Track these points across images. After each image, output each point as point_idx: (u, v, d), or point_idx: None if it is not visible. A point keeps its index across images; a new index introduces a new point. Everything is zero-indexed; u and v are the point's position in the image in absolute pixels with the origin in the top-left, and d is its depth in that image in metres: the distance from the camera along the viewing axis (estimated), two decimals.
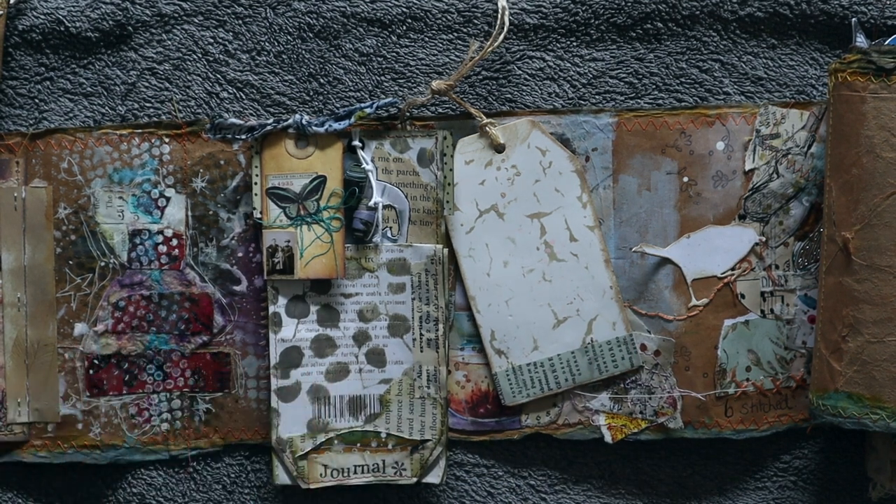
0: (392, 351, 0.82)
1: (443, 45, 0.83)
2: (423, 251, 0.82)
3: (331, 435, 0.82)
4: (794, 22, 0.83)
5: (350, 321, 0.82)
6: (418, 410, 0.82)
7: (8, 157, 0.82)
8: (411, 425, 0.82)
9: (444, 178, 0.81)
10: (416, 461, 0.82)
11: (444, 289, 0.82)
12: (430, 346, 0.82)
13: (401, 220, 0.82)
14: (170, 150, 0.82)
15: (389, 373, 0.82)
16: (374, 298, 0.82)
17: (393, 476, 0.82)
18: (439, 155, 0.81)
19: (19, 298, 0.82)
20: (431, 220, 0.82)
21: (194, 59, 0.83)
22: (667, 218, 0.82)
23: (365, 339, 0.82)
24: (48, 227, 0.82)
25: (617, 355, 0.83)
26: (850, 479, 0.86)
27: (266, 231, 0.81)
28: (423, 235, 0.82)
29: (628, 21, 0.83)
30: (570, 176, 0.82)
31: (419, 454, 0.82)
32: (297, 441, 0.82)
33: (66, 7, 0.82)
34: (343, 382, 0.82)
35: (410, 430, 0.82)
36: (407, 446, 0.82)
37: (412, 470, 0.82)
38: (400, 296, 0.82)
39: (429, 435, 0.82)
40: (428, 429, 0.82)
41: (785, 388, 0.83)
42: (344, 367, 0.82)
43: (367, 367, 0.82)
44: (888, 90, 0.75)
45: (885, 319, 0.75)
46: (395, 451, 0.82)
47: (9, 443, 0.83)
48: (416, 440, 0.82)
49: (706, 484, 0.86)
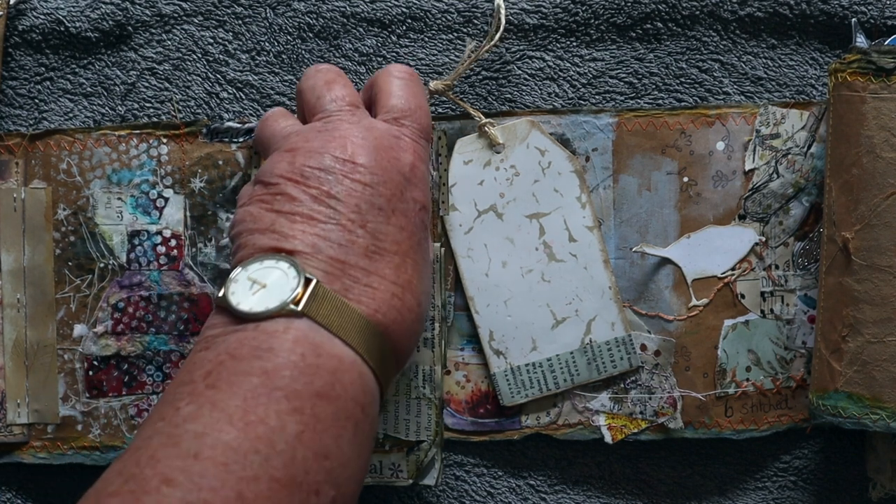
0: None
1: (442, 45, 0.83)
2: None
3: None
4: (794, 22, 0.83)
5: None
6: (414, 411, 0.82)
7: (7, 157, 0.83)
8: (407, 426, 0.82)
9: (440, 178, 0.81)
10: (411, 462, 0.82)
11: (442, 288, 0.82)
12: (426, 346, 0.82)
13: None
14: (168, 150, 0.83)
15: None
16: None
17: (390, 478, 0.82)
18: (434, 155, 0.81)
19: (19, 299, 0.82)
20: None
21: (194, 59, 0.83)
22: (667, 218, 0.82)
23: None
24: (47, 228, 0.82)
25: (616, 356, 0.83)
26: (850, 479, 0.85)
27: None
28: None
29: (628, 21, 0.83)
30: (569, 176, 0.82)
31: (415, 455, 0.82)
32: None
33: (66, 7, 0.82)
34: None
35: (406, 430, 0.82)
36: (403, 447, 0.82)
37: (408, 471, 0.82)
38: None
39: (424, 436, 0.82)
40: (423, 429, 0.82)
41: (785, 388, 0.83)
42: None
43: None
44: (888, 90, 0.75)
45: (886, 319, 0.75)
46: (392, 453, 0.82)
47: (8, 444, 0.83)
48: (412, 441, 0.82)
49: (706, 484, 0.86)
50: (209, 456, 0.60)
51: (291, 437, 0.62)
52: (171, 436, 0.61)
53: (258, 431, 0.61)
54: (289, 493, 0.61)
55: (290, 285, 0.66)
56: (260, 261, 0.68)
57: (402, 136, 0.73)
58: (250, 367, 0.63)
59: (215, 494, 0.58)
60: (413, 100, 0.75)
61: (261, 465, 0.60)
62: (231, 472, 0.59)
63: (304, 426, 0.63)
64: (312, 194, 0.69)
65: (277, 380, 0.63)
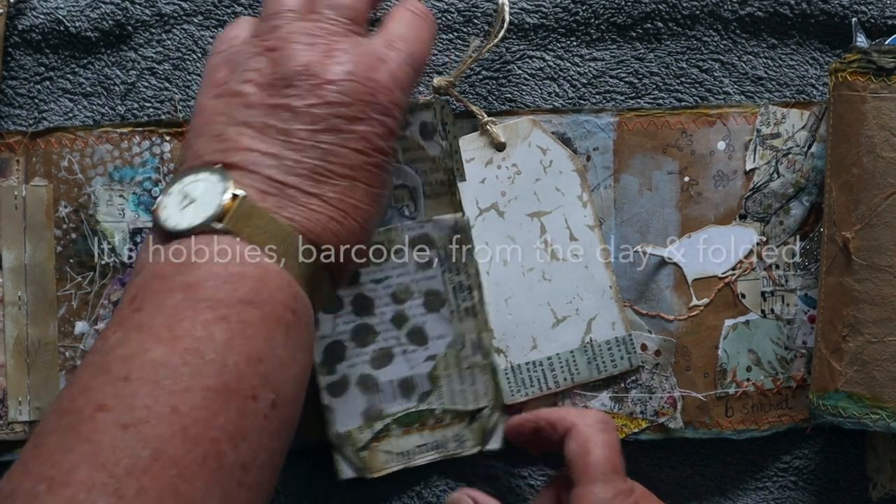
0: (432, 327, 0.82)
1: (443, 45, 0.83)
2: (444, 222, 0.81)
3: (387, 421, 0.82)
4: (794, 22, 0.83)
5: (385, 305, 0.82)
6: (469, 380, 0.82)
7: (8, 155, 0.82)
8: (465, 396, 0.82)
9: (451, 146, 0.81)
10: (475, 430, 0.82)
11: (472, 255, 0.81)
12: (468, 315, 0.82)
13: (415, 197, 0.82)
14: (170, 148, 0.82)
15: (433, 349, 0.82)
16: (405, 279, 0.82)
17: (456, 449, 0.82)
18: (441, 125, 0.81)
19: (20, 297, 0.82)
20: (445, 190, 0.82)
21: (194, 59, 0.83)
22: (668, 218, 0.83)
23: (403, 321, 0.82)
24: (49, 225, 0.82)
25: (616, 355, 0.83)
26: (850, 479, 0.85)
27: None
28: (439, 207, 0.82)
29: (628, 21, 0.83)
30: (570, 175, 0.82)
31: (478, 423, 0.82)
32: (355, 434, 0.82)
33: (66, 7, 0.82)
34: (390, 367, 0.82)
35: (465, 400, 0.82)
36: (464, 417, 0.82)
37: (474, 439, 0.82)
38: (429, 271, 0.82)
39: (484, 402, 0.82)
40: (482, 396, 0.82)
41: (785, 388, 0.83)
42: (387, 352, 0.82)
43: (410, 347, 0.82)
44: (888, 90, 0.75)
45: (886, 319, 0.75)
46: (454, 425, 0.82)
47: (10, 441, 0.83)
48: (472, 410, 0.82)
49: (706, 484, 0.86)
50: (139, 377, 0.59)
51: (220, 344, 0.61)
52: (101, 364, 0.61)
53: (185, 344, 0.61)
54: (224, 401, 0.60)
55: (216, 201, 0.65)
56: (195, 173, 0.67)
57: (387, 59, 0.71)
58: (173, 284, 0.63)
59: (149, 412, 0.58)
60: (413, 31, 0.73)
61: (192, 377, 0.60)
62: (162, 387, 0.59)
63: (231, 333, 0.62)
64: (270, 104, 0.68)
65: (200, 291, 0.63)
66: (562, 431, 0.74)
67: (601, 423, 0.74)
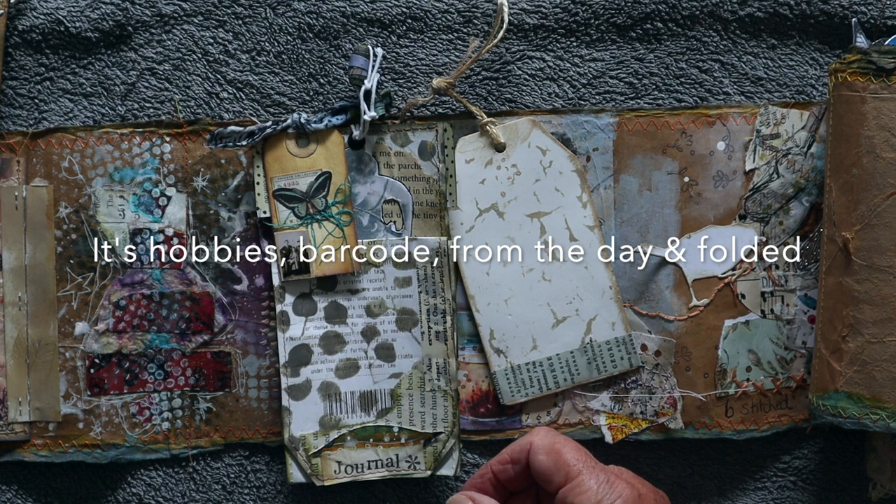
0: (401, 345, 0.82)
1: (443, 45, 0.83)
2: (428, 244, 0.82)
3: (343, 431, 0.82)
4: (794, 22, 0.83)
5: (358, 317, 0.82)
6: (429, 403, 0.82)
7: (9, 156, 0.82)
8: (423, 418, 0.82)
9: (447, 170, 0.82)
10: (429, 454, 0.82)
11: (451, 281, 0.82)
12: (438, 339, 0.82)
13: (404, 214, 0.82)
14: (171, 149, 0.83)
15: (399, 367, 0.82)
16: (381, 293, 0.82)
17: (407, 470, 0.82)
18: (440, 147, 0.81)
19: (20, 298, 0.82)
20: (435, 212, 0.82)
21: (194, 59, 0.83)
22: (668, 218, 0.83)
23: (373, 335, 0.82)
24: (49, 226, 0.82)
25: (616, 355, 0.83)
26: (850, 479, 0.86)
27: (278, 234, 0.81)
28: (427, 228, 0.82)
29: (628, 21, 0.83)
30: (570, 175, 0.82)
31: (432, 447, 0.82)
32: (309, 439, 0.82)
33: (66, 7, 0.82)
34: (353, 378, 0.82)
35: (423, 423, 0.82)
36: (420, 439, 0.82)
37: (426, 463, 0.82)
38: (406, 289, 0.82)
39: (441, 427, 0.82)
40: (440, 421, 0.82)
41: (785, 388, 0.83)
42: (354, 363, 0.82)
43: (376, 361, 0.82)
44: (888, 90, 0.75)
45: (885, 319, 0.75)
46: (409, 445, 0.82)
47: (10, 442, 0.83)
48: (429, 433, 0.82)
49: (706, 484, 0.86)
50: None
51: None
52: None
53: None
54: None
55: None
56: None
57: None
58: None
59: None
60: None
61: None
62: None
63: None
64: None
65: None
66: (522, 456, 0.75)
67: (551, 431, 0.76)
